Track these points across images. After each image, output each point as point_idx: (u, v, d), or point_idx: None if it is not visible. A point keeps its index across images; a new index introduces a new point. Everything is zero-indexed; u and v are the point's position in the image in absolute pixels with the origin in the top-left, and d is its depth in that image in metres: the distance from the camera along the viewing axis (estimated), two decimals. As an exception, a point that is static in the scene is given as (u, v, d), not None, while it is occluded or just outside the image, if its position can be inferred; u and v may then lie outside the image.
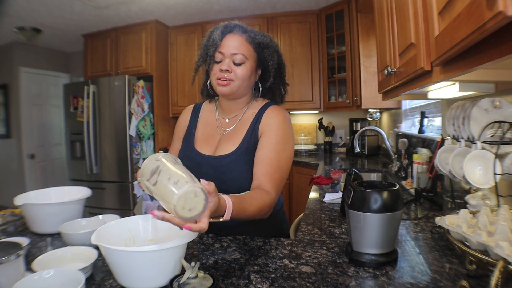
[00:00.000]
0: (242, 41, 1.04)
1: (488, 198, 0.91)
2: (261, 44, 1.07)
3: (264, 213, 0.93)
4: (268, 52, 1.08)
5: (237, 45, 1.03)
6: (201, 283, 0.65)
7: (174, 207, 0.61)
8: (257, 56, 1.08)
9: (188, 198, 0.62)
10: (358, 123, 3.33)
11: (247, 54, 1.04)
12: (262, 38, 1.07)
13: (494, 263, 0.59)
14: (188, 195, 0.62)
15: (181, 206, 0.61)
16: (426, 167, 1.55)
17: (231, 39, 1.04)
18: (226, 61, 1.03)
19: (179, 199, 0.61)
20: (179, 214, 0.62)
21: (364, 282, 0.70)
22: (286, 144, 1.04)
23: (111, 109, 3.39)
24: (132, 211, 3.39)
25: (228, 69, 1.02)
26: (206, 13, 3.40)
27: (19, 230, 1.08)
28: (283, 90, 1.18)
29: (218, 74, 1.03)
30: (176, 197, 0.61)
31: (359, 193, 0.76)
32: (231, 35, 1.04)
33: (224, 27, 1.06)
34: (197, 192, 0.63)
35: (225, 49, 1.03)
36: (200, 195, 0.63)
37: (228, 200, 0.77)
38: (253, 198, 0.91)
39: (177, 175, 0.64)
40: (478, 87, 1.02)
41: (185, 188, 0.61)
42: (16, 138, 4.11)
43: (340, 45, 3.15)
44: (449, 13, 0.63)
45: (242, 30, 1.06)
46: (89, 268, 0.74)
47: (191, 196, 0.62)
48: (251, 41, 1.05)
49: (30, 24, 3.44)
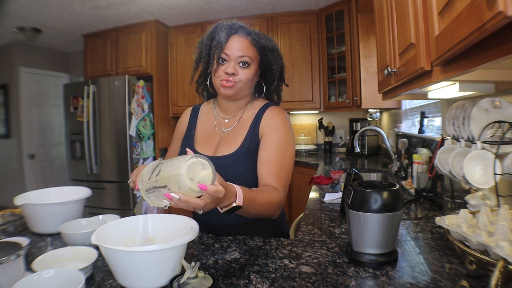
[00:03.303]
0: (248, 44, 1.04)
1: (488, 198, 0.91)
2: (266, 48, 1.07)
3: (273, 208, 0.94)
4: (272, 55, 1.09)
5: (244, 48, 1.03)
6: (201, 283, 0.65)
7: (183, 176, 0.59)
8: (260, 59, 1.08)
9: (196, 170, 0.61)
10: (358, 123, 3.33)
11: (252, 56, 1.04)
12: (267, 42, 1.08)
13: (494, 263, 0.59)
14: (196, 165, 0.61)
15: (190, 176, 0.60)
16: (426, 167, 1.55)
17: (236, 41, 1.03)
18: (231, 63, 1.02)
19: (188, 169, 0.60)
20: (188, 185, 0.60)
21: (364, 282, 0.70)
22: (288, 143, 1.05)
23: (111, 109, 3.39)
24: (132, 211, 3.39)
25: (234, 72, 1.02)
26: (206, 13, 3.40)
27: (19, 230, 1.08)
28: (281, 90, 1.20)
29: (222, 76, 1.03)
30: (184, 166, 0.60)
31: (359, 193, 0.76)
32: (236, 37, 1.03)
33: (229, 28, 1.04)
34: (204, 164, 0.62)
35: (231, 52, 1.02)
36: (208, 167, 0.62)
37: (237, 186, 0.77)
38: (262, 190, 0.92)
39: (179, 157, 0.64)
40: (478, 87, 1.03)
41: (192, 159, 0.61)
42: (16, 138, 4.11)
43: (340, 45, 3.15)
44: (449, 13, 0.63)
45: (247, 33, 1.05)
46: (89, 268, 0.74)
47: (199, 167, 0.61)
48: (255, 44, 1.05)
49: (30, 24, 3.44)
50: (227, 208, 0.75)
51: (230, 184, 0.75)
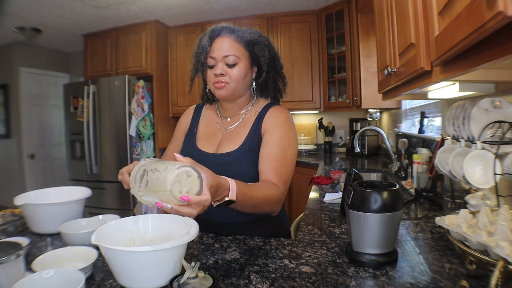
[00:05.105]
0: (231, 42, 1.04)
1: (488, 198, 0.91)
2: (250, 42, 1.06)
3: (272, 203, 0.93)
4: (259, 48, 1.07)
5: (227, 47, 1.03)
6: (201, 283, 0.65)
7: (170, 193, 0.60)
8: (249, 54, 1.07)
9: (181, 180, 0.61)
10: (358, 123, 3.33)
11: (238, 54, 1.03)
12: (250, 35, 1.06)
13: (494, 263, 0.59)
14: (181, 177, 0.61)
15: (178, 190, 0.60)
16: (426, 167, 1.55)
17: (220, 42, 1.04)
18: (219, 65, 1.03)
19: (173, 184, 0.60)
20: (177, 201, 0.61)
21: (364, 282, 0.70)
22: (290, 141, 1.05)
23: (111, 109, 3.39)
24: (132, 211, 3.38)
25: (222, 72, 1.02)
26: (206, 13, 3.40)
27: (19, 230, 1.08)
28: (282, 83, 1.18)
29: (213, 79, 1.04)
30: (170, 183, 0.60)
31: (359, 193, 0.76)
32: (219, 39, 1.04)
33: (211, 32, 1.06)
34: (188, 171, 0.62)
35: (215, 53, 1.03)
36: (192, 174, 0.62)
37: (231, 180, 0.77)
38: (259, 185, 0.92)
39: (164, 165, 0.64)
40: (478, 87, 1.03)
41: (175, 171, 0.60)
42: (16, 138, 4.11)
43: (340, 45, 3.15)
44: (449, 13, 0.63)
45: (230, 31, 1.05)
46: (89, 268, 0.74)
47: (184, 177, 0.61)
48: (240, 41, 1.05)
49: (30, 24, 3.44)
50: (220, 202, 0.75)
51: (223, 178, 0.75)
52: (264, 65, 1.08)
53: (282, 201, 1.00)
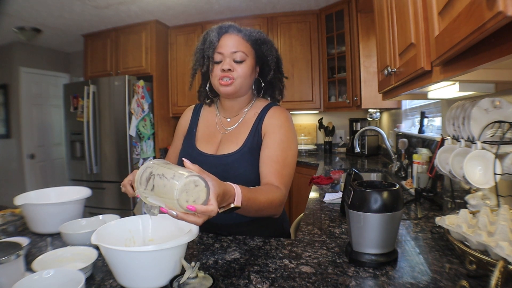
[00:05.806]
0: (239, 39, 1.05)
1: (488, 198, 0.91)
2: (258, 40, 1.08)
3: (274, 207, 0.93)
4: (266, 47, 1.09)
5: (236, 44, 1.04)
6: (201, 283, 0.65)
7: (177, 202, 0.60)
8: (255, 53, 1.08)
9: (189, 190, 0.61)
10: (358, 123, 3.32)
11: (246, 51, 1.05)
12: (258, 34, 1.08)
13: (494, 263, 0.59)
14: (188, 186, 0.60)
15: (184, 199, 0.60)
16: (426, 167, 1.55)
17: (228, 38, 1.04)
18: (227, 60, 1.03)
19: (180, 193, 0.60)
20: (185, 208, 0.61)
21: (364, 282, 0.70)
22: (290, 142, 1.05)
23: (111, 109, 3.39)
24: (132, 211, 3.38)
25: (230, 68, 1.02)
26: (206, 13, 3.40)
27: (19, 230, 1.08)
28: (281, 85, 1.19)
29: (219, 75, 1.03)
30: (177, 192, 0.60)
31: (359, 193, 0.76)
32: (227, 35, 1.05)
33: (219, 28, 1.06)
34: (196, 181, 0.62)
35: (224, 49, 1.03)
36: (200, 183, 0.62)
37: (236, 186, 0.76)
38: (262, 189, 0.92)
39: (171, 172, 0.64)
40: (478, 87, 1.03)
41: (183, 180, 0.60)
42: (16, 138, 4.11)
43: (340, 45, 3.15)
44: (449, 13, 0.63)
45: (237, 30, 1.07)
46: (89, 268, 0.74)
47: (192, 187, 0.61)
48: (248, 39, 1.06)
49: (30, 24, 3.44)
50: (225, 208, 0.75)
51: (229, 184, 0.75)
52: (272, 63, 1.10)
53: (283, 204, 1.00)
